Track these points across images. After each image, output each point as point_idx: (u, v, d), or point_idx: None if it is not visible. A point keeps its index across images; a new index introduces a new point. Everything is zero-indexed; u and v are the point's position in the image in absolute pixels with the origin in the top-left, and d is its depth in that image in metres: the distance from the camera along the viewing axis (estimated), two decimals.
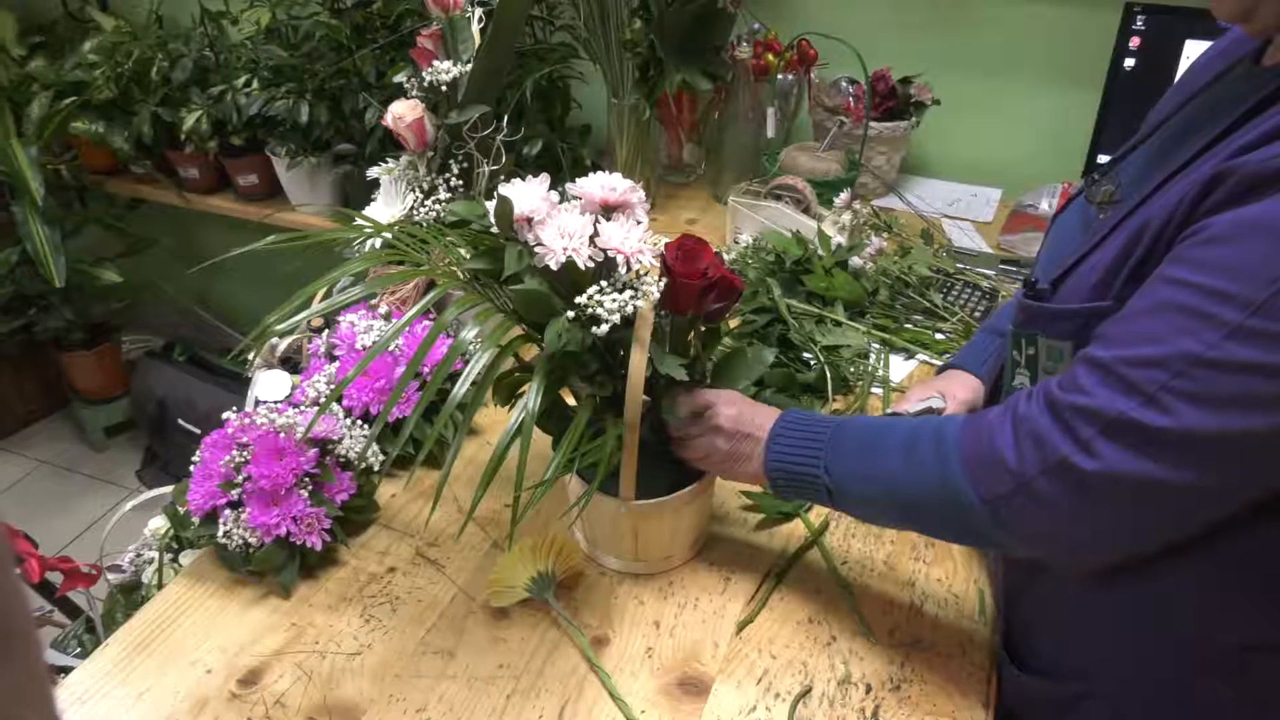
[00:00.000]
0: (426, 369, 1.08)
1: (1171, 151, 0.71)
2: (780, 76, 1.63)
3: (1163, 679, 0.74)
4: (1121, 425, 0.59)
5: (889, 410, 1.07)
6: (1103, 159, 1.56)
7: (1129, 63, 1.48)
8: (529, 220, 0.75)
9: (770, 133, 1.63)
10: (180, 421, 2.32)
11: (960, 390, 1.02)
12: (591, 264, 0.75)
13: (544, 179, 0.77)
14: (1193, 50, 1.43)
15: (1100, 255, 0.69)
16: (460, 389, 0.74)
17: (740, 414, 0.83)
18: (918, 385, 1.07)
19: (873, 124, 1.62)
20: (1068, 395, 0.63)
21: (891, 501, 0.75)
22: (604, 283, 0.76)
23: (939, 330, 1.27)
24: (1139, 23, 1.45)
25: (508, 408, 0.83)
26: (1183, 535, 0.65)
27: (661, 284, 0.77)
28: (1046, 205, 1.58)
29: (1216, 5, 0.65)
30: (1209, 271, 0.57)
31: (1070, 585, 0.77)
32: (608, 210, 0.79)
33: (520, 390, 0.83)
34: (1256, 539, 0.64)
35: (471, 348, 0.76)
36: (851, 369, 1.18)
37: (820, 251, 1.33)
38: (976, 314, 1.32)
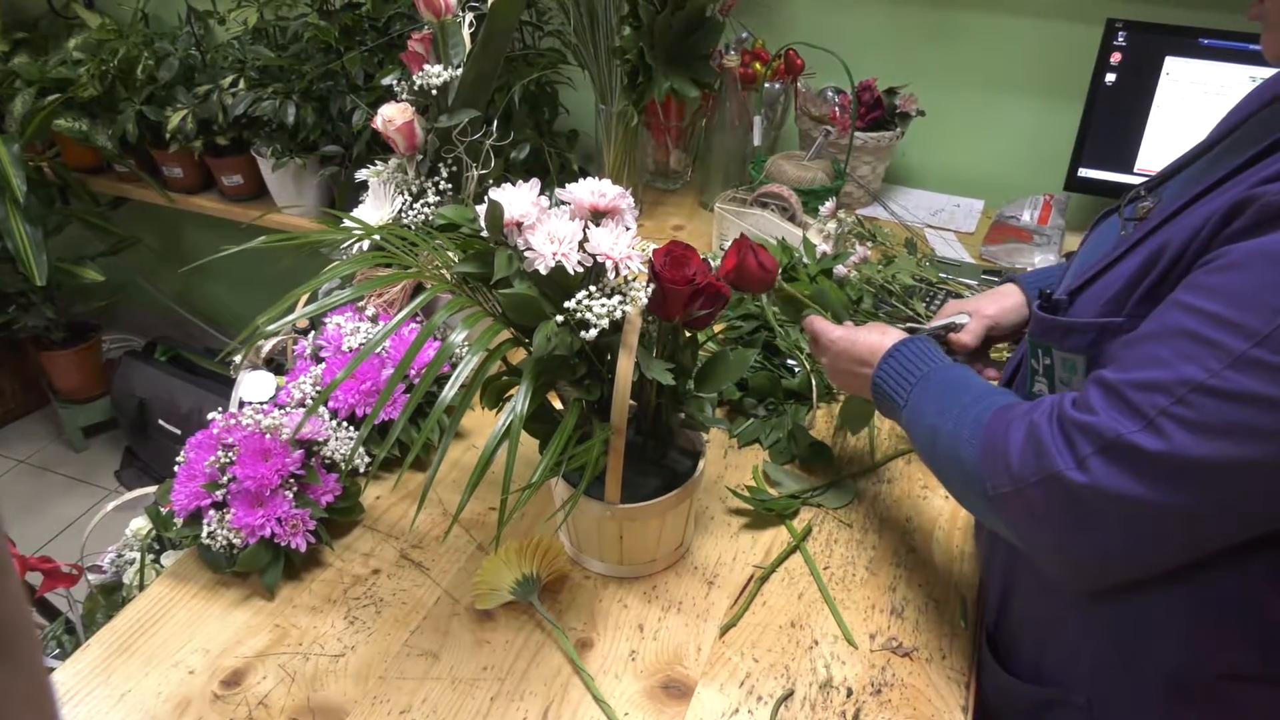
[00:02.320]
0: (413, 372, 1.09)
1: (1211, 173, 0.71)
2: (767, 85, 1.64)
3: (1137, 698, 0.75)
4: (1118, 447, 0.60)
5: (905, 326, 1.07)
6: (1084, 172, 1.58)
7: (1110, 78, 1.51)
8: (519, 225, 0.76)
9: (757, 141, 1.64)
10: (161, 422, 2.30)
11: (990, 305, 1.01)
12: (581, 269, 0.75)
13: (534, 184, 0.77)
14: (1172, 67, 1.46)
15: (1118, 271, 0.69)
16: (449, 392, 0.75)
17: (848, 347, 0.91)
18: (948, 304, 1.06)
19: (858, 134, 1.63)
20: (1077, 414, 0.63)
21: (929, 457, 0.79)
22: (593, 287, 0.76)
23: None
24: (1120, 39, 1.48)
25: (495, 411, 0.84)
26: (1173, 565, 0.65)
27: (649, 289, 0.78)
28: (1028, 217, 1.60)
29: (1267, 48, 0.66)
30: (1218, 299, 0.58)
31: (1058, 592, 0.78)
32: (597, 216, 0.79)
33: (508, 394, 0.84)
34: (1241, 571, 0.65)
35: (460, 351, 0.76)
36: None
37: (805, 259, 1.34)
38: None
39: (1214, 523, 0.61)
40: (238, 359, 1.13)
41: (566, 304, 0.75)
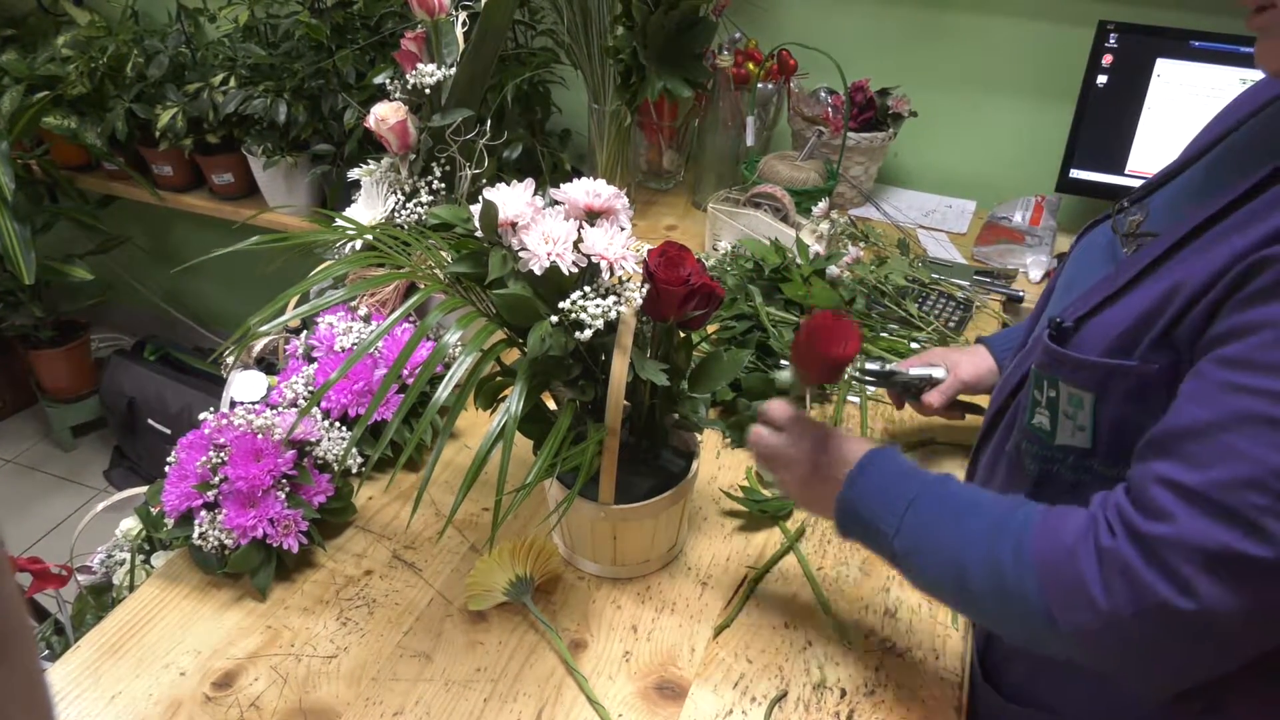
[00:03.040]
0: (406, 372, 1.08)
1: (1207, 188, 0.69)
2: (760, 85, 1.64)
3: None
4: (1224, 560, 0.55)
5: (888, 368, 1.06)
6: (1076, 173, 1.59)
7: (1101, 79, 1.51)
8: (513, 225, 0.76)
9: (750, 141, 1.64)
10: (150, 422, 2.29)
11: (966, 369, 1.01)
12: (575, 269, 0.75)
13: (529, 184, 0.77)
14: (1163, 68, 1.46)
15: (1127, 306, 0.67)
16: (443, 393, 0.74)
17: (811, 452, 0.80)
18: (932, 351, 1.07)
19: (851, 134, 1.64)
20: (1154, 526, 0.58)
21: (956, 592, 0.70)
22: (587, 288, 0.76)
23: (914, 339, 1.29)
24: (1111, 40, 1.48)
25: (489, 412, 0.84)
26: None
27: (644, 290, 0.78)
28: (1020, 218, 1.61)
29: (1264, 62, 0.63)
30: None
31: None
32: (592, 216, 0.79)
33: (502, 394, 0.84)
34: None
35: (454, 351, 0.76)
36: None
37: (798, 260, 1.34)
38: (951, 324, 1.34)
39: None
40: (230, 359, 1.12)
41: (561, 304, 0.75)
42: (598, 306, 0.75)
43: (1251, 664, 0.65)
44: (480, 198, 0.76)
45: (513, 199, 0.76)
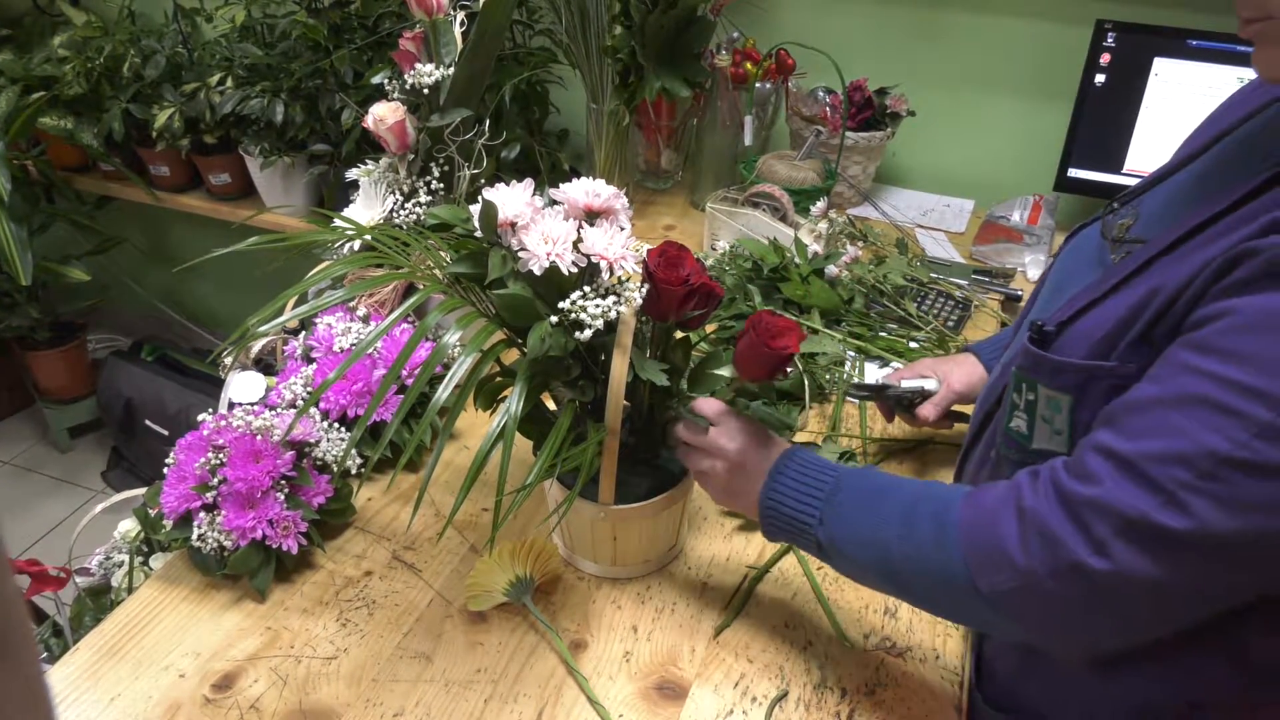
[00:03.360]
0: (405, 372, 1.08)
1: (1200, 194, 0.69)
2: (758, 85, 1.64)
3: None
4: (1139, 526, 0.57)
5: (881, 380, 1.07)
6: (1074, 172, 1.59)
7: (1099, 78, 1.51)
8: (513, 225, 0.76)
9: (748, 140, 1.64)
10: (148, 423, 2.28)
11: (958, 378, 1.02)
12: (575, 269, 0.75)
13: (528, 184, 0.77)
14: (1161, 68, 1.47)
15: (1109, 308, 0.66)
16: (443, 393, 0.74)
17: (742, 448, 0.81)
18: (921, 361, 1.08)
19: (849, 134, 1.64)
20: (1081, 488, 0.60)
21: (883, 571, 0.72)
22: (587, 288, 0.76)
23: (913, 339, 1.29)
24: (1109, 40, 1.48)
25: (489, 412, 0.83)
26: (1186, 626, 0.63)
27: (644, 290, 0.77)
28: (1018, 217, 1.61)
29: (1261, 69, 0.61)
30: (1238, 364, 0.55)
31: None
32: (591, 216, 0.79)
33: (502, 395, 0.84)
34: (1234, 613, 0.63)
35: (453, 352, 0.76)
36: (827, 376, 1.19)
37: (796, 259, 1.34)
38: (950, 323, 1.34)
39: (1237, 590, 0.60)
40: (228, 360, 1.12)
41: (561, 304, 0.75)
42: (597, 306, 0.75)
43: (1239, 669, 0.66)
44: (479, 198, 0.76)
45: (512, 199, 0.76)
